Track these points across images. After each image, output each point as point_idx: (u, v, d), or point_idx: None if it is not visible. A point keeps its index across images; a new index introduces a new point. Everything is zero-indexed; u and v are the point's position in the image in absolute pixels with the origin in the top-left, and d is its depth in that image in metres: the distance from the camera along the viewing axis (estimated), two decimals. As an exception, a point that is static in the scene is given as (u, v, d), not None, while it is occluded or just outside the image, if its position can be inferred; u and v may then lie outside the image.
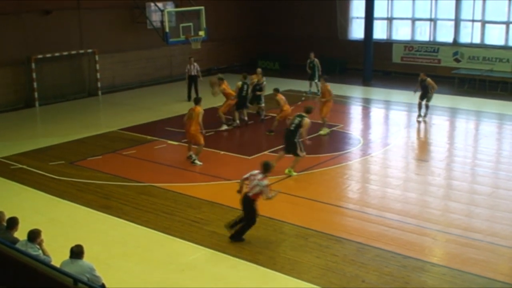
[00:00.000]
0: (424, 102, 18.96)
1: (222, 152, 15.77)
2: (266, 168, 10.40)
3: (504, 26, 25.32)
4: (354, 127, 18.81)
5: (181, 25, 23.70)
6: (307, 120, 13.77)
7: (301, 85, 23.75)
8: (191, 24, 23.82)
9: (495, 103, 21.83)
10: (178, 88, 24.38)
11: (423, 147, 16.92)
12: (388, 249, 10.04)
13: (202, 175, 13.98)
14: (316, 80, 22.89)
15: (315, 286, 8.87)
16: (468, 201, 12.38)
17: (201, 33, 24.03)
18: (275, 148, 15.92)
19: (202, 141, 14.54)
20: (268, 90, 19.48)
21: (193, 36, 23.77)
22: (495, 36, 25.80)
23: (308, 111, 14.13)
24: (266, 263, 9.59)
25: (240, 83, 18.51)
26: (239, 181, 10.77)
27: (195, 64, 22.46)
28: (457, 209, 11.89)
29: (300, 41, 29.74)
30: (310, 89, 23.23)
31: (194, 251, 10.12)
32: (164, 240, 10.55)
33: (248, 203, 10.29)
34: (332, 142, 16.91)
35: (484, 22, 25.71)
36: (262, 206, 11.88)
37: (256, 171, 10.39)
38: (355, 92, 24.57)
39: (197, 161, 14.57)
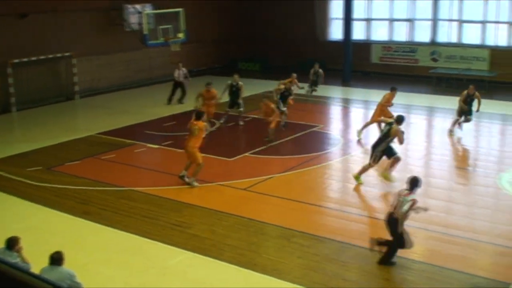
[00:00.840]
0: (463, 118, 17.45)
1: (202, 155, 15.69)
2: (413, 183, 9.44)
3: (480, 25, 25.66)
4: (334, 127, 18.90)
5: (160, 27, 23.64)
6: (394, 128, 12.97)
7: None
8: (170, 26, 23.76)
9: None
10: (158, 90, 24.32)
11: (402, 146, 16.99)
12: (367, 247, 10.08)
13: (182, 178, 13.91)
14: (316, 87, 22.75)
15: (298, 286, 8.88)
16: (447, 198, 12.52)
17: (180, 35, 24.00)
18: (256, 150, 15.96)
19: (200, 159, 13.18)
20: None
21: (172, 38, 23.71)
22: (472, 35, 26.14)
23: (399, 120, 13.22)
24: (248, 264, 9.58)
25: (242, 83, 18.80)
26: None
27: (184, 69, 22.28)
28: (436, 206, 11.97)
29: (281, 42, 29.86)
30: (311, 92, 22.93)
31: (176, 254, 10.07)
32: (145, 244, 10.49)
33: (393, 223, 9.38)
34: (312, 142, 16.98)
35: (461, 22, 26.03)
36: (244, 207, 11.92)
37: (404, 188, 9.55)
38: (335, 93, 24.70)
39: (194, 183, 13.17)
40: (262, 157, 15.52)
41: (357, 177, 13.26)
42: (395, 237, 9.40)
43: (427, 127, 19.02)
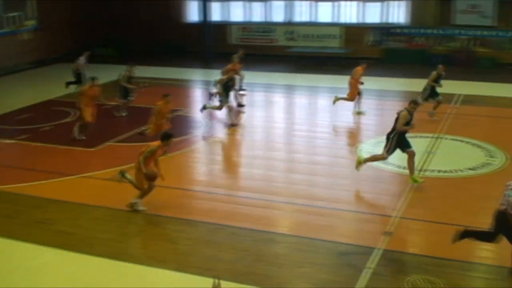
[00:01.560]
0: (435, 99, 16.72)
1: (61, 147, 14.99)
2: None
3: (331, 4, 26.85)
4: (197, 111, 18.85)
5: (8, 15, 22.10)
6: (403, 113, 11.82)
7: (142, 71, 23.24)
8: (19, 13, 22.32)
9: (328, 78, 23.08)
10: (6, 83, 22.78)
11: (265, 125, 17.42)
12: (241, 226, 10.24)
13: (43, 173, 13.12)
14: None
15: (174, 272, 8.80)
16: (310, 171, 13.00)
17: (31, 22, 22.64)
18: (120, 137, 15.52)
19: (143, 185, 10.85)
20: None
21: (22, 26, 22.32)
22: (326, 14, 27.32)
23: (413, 102, 11.99)
24: (121, 256, 9.30)
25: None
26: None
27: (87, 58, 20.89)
28: (300, 180, 12.44)
29: (138, 25, 29.22)
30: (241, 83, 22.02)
31: (42, 252, 9.54)
32: (8, 245, 9.81)
33: (503, 219, 8.33)
34: (176, 127, 16.78)
35: (315, 1, 27.08)
36: (110, 197, 11.57)
37: None
38: (197, 75, 24.70)
39: (139, 206, 10.93)
40: (127, 145, 15.13)
41: (362, 161, 12.33)
42: (506, 234, 8.42)
43: (288, 105, 19.61)
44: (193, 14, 29.05)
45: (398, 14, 26.74)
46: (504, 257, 8.87)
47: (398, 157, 12.45)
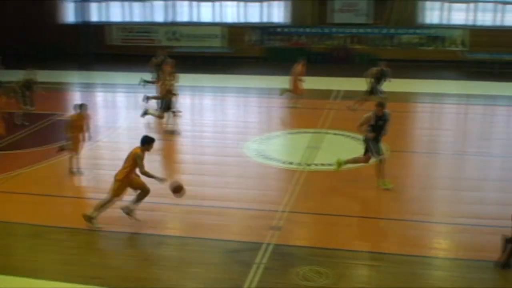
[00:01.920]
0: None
1: None
2: None
3: (212, 3, 27.00)
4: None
5: None
6: (366, 115, 11.70)
7: (16, 75, 22.07)
8: None
9: (212, 77, 23.15)
10: None
11: (154, 127, 17.10)
12: (127, 231, 10.00)
13: None
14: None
15: (60, 283, 8.39)
16: (197, 171, 12.95)
17: None
18: (24, 148, 14.60)
19: (117, 193, 10.10)
20: None
21: None
22: (208, 14, 27.43)
23: (379, 105, 11.60)
24: (3, 269, 8.75)
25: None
26: None
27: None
28: (188, 181, 12.28)
29: (14, 28, 27.72)
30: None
31: None
32: None
33: None
34: (55, 133, 16.09)
35: (198, 1, 27.10)
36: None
37: None
38: (75, 78, 23.87)
39: (94, 222, 10.04)
40: (3, 153, 14.29)
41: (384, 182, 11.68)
42: None
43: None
44: (69, 14, 27.99)
45: (279, 14, 27.36)
46: (389, 244, 9.37)
47: (283, 152, 12.70)
